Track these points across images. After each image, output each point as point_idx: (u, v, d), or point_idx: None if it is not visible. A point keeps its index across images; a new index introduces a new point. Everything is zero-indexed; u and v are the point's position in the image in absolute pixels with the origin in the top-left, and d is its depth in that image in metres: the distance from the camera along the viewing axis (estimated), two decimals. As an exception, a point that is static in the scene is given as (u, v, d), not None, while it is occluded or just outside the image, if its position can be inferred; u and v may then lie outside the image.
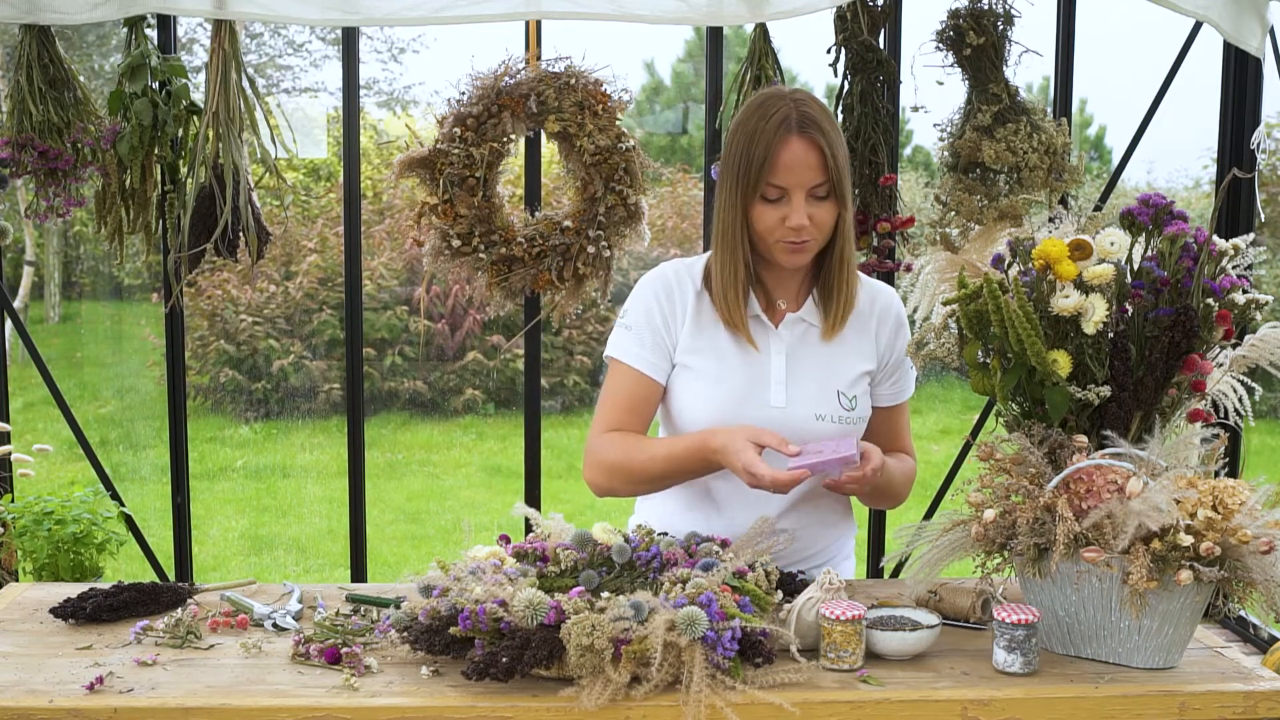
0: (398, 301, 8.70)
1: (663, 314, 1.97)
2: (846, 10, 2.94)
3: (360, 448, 3.24)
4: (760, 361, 1.95)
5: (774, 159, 1.83)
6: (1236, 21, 2.97)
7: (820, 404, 1.95)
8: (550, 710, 1.51)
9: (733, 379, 1.95)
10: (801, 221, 1.85)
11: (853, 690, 1.57)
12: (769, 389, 1.94)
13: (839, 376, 1.98)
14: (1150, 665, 1.65)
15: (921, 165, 10.99)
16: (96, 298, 10.81)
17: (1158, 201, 1.81)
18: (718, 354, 1.96)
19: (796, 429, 1.92)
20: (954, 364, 1.88)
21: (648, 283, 2.00)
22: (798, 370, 1.96)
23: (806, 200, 1.85)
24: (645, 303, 1.98)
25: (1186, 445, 1.78)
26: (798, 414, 1.94)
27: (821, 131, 1.84)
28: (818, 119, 1.85)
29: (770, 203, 1.86)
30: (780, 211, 1.86)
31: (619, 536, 1.82)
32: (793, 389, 1.95)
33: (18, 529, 3.12)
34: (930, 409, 8.82)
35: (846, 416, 1.96)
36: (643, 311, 1.98)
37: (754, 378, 1.95)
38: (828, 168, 1.84)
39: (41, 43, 2.87)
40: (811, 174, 1.84)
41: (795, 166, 1.83)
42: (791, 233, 1.86)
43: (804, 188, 1.85)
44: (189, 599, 1.93)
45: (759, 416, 1.93)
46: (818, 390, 1.96)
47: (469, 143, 2.91)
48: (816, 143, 1.83)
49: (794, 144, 1.83)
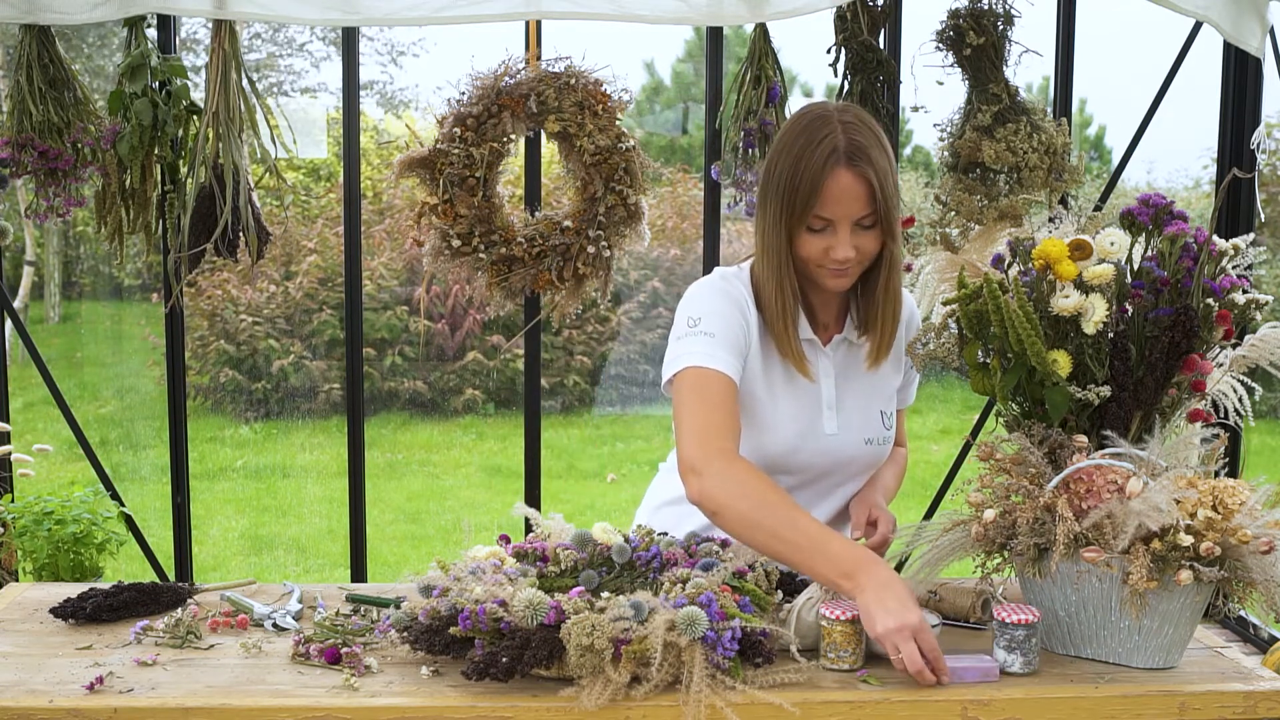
0: (398, 301, 8.70)
1: (744, 318, 1.86)
2: (846, 10, 2.94)
3: (360, 448, 3.24)
4: (812, 389, 1.91)
5: (821, 191, 1.76)
6: (1236, 21, 2.97)
7: (867, 428, 1.95)
8: (550, 710, 1.51)
9: (791, 408, 1.90)
10: (848, 254, 1.78)
11: (853, 690, 1.57)
12: (821, 416, 1.92)
13: (880, 396, 1.98)
14: (1150, 665, 1.65)
15: (921, 165, 10.99)
16: (96, 298, 10.80)
17: (1158, 201, 1.81)
18: (772, 380, 1.90)
19: (848, 455, 1.93)
20: (954, 364, 1.88)
21: (720, 291, 1.87)
22: (845, 395, 1.94)
23: (852, 230, 1.79)
24: (724, 309, 1.85)
25: (1186, 445, 1.78)
26: (849, 441, 1.94)
27: (871, 162, 1.76)
28: (867, 148, 1.76)
29: (815, 232, 1.80)
30: (825, 241, 1.79)
31: (619, 536, 1.82)
32: (842, 415, 1.93)
33: (18, 529, 3.12)
34: (930, 409, 8.82)
35: (885, 436, 1.98)
36: (722, 316, 1.84)
37: (808, 405, 1.91)
38: (875, 200, 1.77)
39: (41, 43, 2.87)
40: (859, 206, 1.77)
41: (842, 199, 1.76)
42: (836, 263, 1.80)
43: (850, 219, 1.78)
44: (189, 599, 1.93)
45: (815, 447, 1.91)
46: (864, 414, 1.95)
47: (469, 143, 2.91)
48: (865, 175, 1.76)
49: (842, 176, 1.75)
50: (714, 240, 3.23)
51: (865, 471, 2.00)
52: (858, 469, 1.98)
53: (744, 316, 1.85)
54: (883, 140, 1.81)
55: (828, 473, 1.96)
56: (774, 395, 1.90)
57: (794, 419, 1.90)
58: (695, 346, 1.80)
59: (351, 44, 3.06)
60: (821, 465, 1.94)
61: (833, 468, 1.95)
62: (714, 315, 1.83)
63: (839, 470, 1.96)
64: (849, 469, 1.97)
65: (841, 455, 1.93)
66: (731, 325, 1.83)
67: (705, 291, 1.88)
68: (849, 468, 1.97)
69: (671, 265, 8.95)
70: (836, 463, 1.94)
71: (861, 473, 1.99)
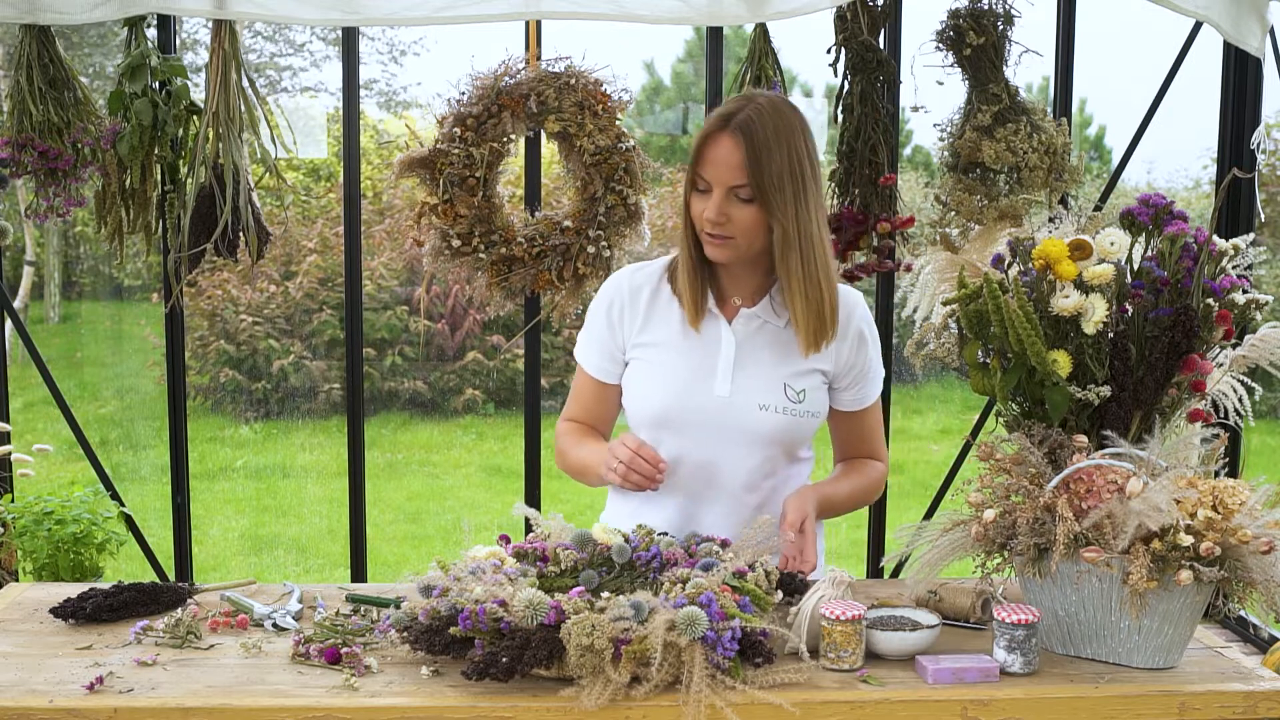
0: (398, 301, 8.70)
1: (609, 320, 2.04)
2: (846, 10, 2.94)
3: (360, 448, 3.24)
4: (709, 353, 1.98)
5: (702, 152, 1.87)
6: (1236, 21, 2.97)
7: (766, 395, 1.96)
8: (550, 710, 1.51)
9: (679, 368, 1.98)
10: (712, 216, 1.87)
11: (853, 690, 1.57)
12: (714, 378, 1.96)
13: (787, 368, 1.98)
14: (1150, 665, 1.65)
15: (921, 165, 10.98)
16: (96, 298, 10.80)
17: (1158, 201, 1.81)
18: (667, 345, 2.00)
19: (739, 419, 1.95)
20: (954, 364, 1.88)
21: (602, 289, 2.08)
22: (746, 361, 1.97)
23: (727, 198, 1.86)
24: (596, 309, 2.07)
25: (1186, 445, 1.78)
26: (741, 403, 1.95)
27: (752, 135, 1.83)
28: (759, 123, 1.84)
29: (700, 193, 1.90)
30: (704, 203, 1.89)
31: (619, 536, 1.82)
32: (739, 379, 1.96)
33: (18, 529, 3.12)
34: (930, 409, 8.83)
35: (793, 409, 1.96)
36: (592, 316, 2.07)
37: (701, 367, 1.97)
38: (748, 171, 1.83)
39: (41, 43, 2.87)
40: (732, 173, 1.85)
41: (717, 162, 1.85)
42: (708, 224, 1.88)
43: (724, 185, 1.86)
44: (189, 599, 1.93)
45: (703, 405, 1.95)
46: (764, 381, 1.97)
47: (469, 143, 2.91)
48: (740, 144, 1.83)
49: (721, 140, 1.85)
50: (714, 240, 3.22)
51: (773, 442, 1.98)
52: (760, 437, 1.96)
53: (612, 310, 2.04)
54: (785, 131, 1.86)
55: (725, 435, 1.96)
56: (672, 356, 1.99)
57: (678, 378, 1.97)
58: (579, 340, 2.11)
59: (351, 44, 3.06)
60: (711, 426, 1.96)
61: (725, 430, 1.96)
62: (590, 315, 2.09)
63: (735, 435, 1.96)
64: (748, 435, 1.96)
65: (731, 417, 1.95)
66: (597, 323, 2.06)
67: (597, 293, 2.10)
68: (748, 433, 1.96)
69: (671, 265, 8.95)
70: (727, 425, 1.96)
71: (768, 442, 1.97)
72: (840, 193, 3.04)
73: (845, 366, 2.02)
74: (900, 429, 7.99)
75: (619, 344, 2.04)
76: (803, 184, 1.87)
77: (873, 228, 2.99)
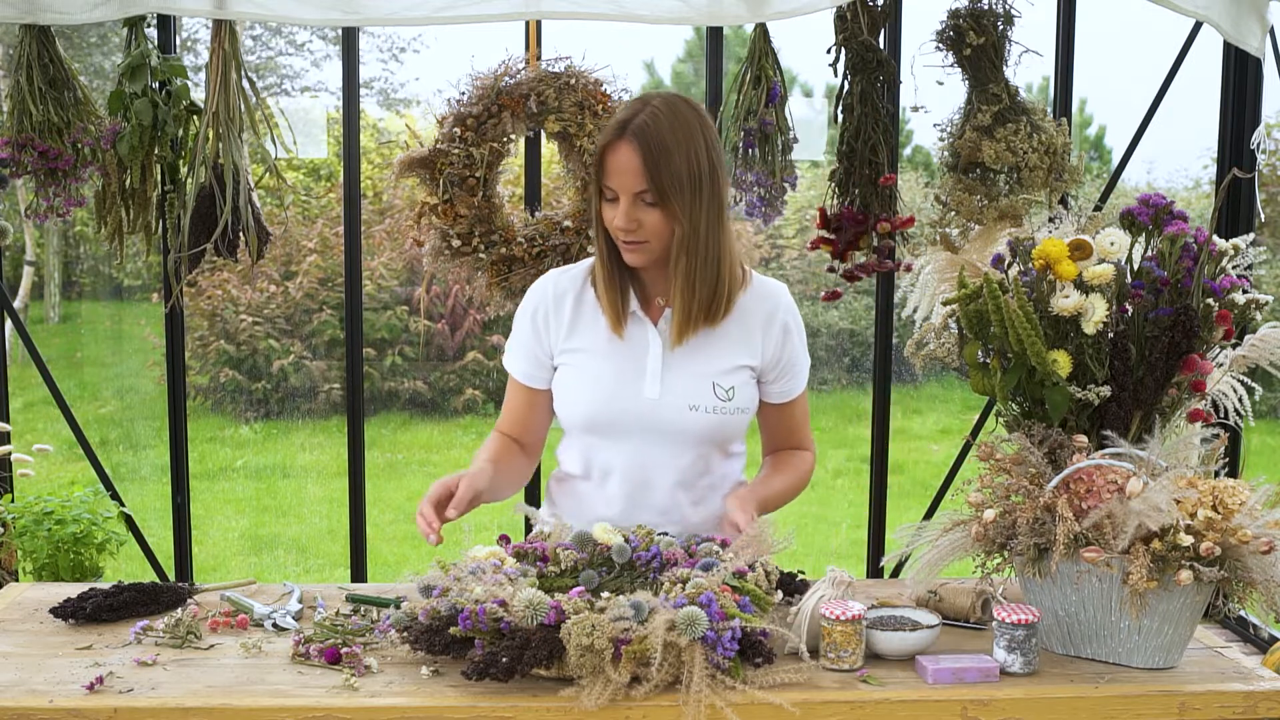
0: (398, 301, 8.70)
1: (534, 326, 2.04)
2: (846, 10, 2.94)
3: (360, 448, 3.24)
4: (637, 355, 1.98)
5: (604, 161, 1.89)
6: (1236, 21, 2.97)
7: (695, 395, 1.97)
8: (550, 710, 1.51)
9: (606, 373, 1.98)
10: (622, 224, 1.88)
11: (853, 690, 1.57)
12: (643, 381, 1.97)
13: (715, 367, 1.99)
14: (1150, 665, 1.65)
15: (921, 165, 10.98)
16: (96, 298, 10.80)
17: (1158, 201, 1.81)
18: (594, 350, 2.00)
19: (671, 420, 1.96)
20: (954, 364, 1.88)
21: (527, 296, 2.08)
22: (673, 363, 1.98)
23: (635, 204, 1.87)
24: (521, 316, 2.07)
25: (1186, 445, 1.78)
26: (671, 404, 1.96)
27: (649, 140, 1.84)
28: (654, 128, 1.85)
29: (609, 201, 1.91)
30: (614, 211, 1.90)
31: (619, 536, 1.82)
32: (668, 380, 1.97)
33: (18, 529, 3.12)
34: (930, 409, 8.83)
35: (723, 407, 1.97)
36: (518, 323, 2.07)
37: (629, 370, 1.98)
38: (648, 177, 1.84)
39: (41, 43, 2.87)
40: (634, 180, 1.85)
41: (619, 170, 1.86)
42: (620, 232, 1.90)
43: (629, 192, 1.87)
44: (189, 599, 1.93)
45: (633, 408, 1.96)
46: (693, 381, 1.97)
47: (469, 143, 2.91)
48: (638, 151, 1.84)
49: (620, 148, 1.86)
50: (714, 240, 3.22)
51: (704, 441, 1.99)
52: (691, 437, 1.98)
53: (537, 315, 2.04)
54: (683, 133, 1.86)
55: (656, 437, 1.97)
56: (599, 361, 1.99)
57: (605, 383, 1.98)
58: (506, 347, 2.10)
59: (351, 44, 3.07)
60: (644, 427, 1.97)
61: (656, 432, 1.97)
62: (516, 322, 2.09)
63: (667, 436, 1.97)
64: (679, 435, 1.97)
65: (661, 419, 1.96)
66: (523, 330, 2.06)
67: (523, 299, 2.10)
68: (679, 434, 1.97)
69: (671, 265, 8.95)
70: (658, 427, 1.97)
71: (699, 442, 1.99)
72: (840, 193, 3.04)
73: (772, 360, 2.03)
74: (900, 429, 7.99)
75: (546, 350, 2.04)
76: (701, 183, 1.88)
77: (873, 228, 2.99)
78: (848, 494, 7.05)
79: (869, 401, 3.48)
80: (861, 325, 9.09)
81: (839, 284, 3.21)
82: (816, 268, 9.03)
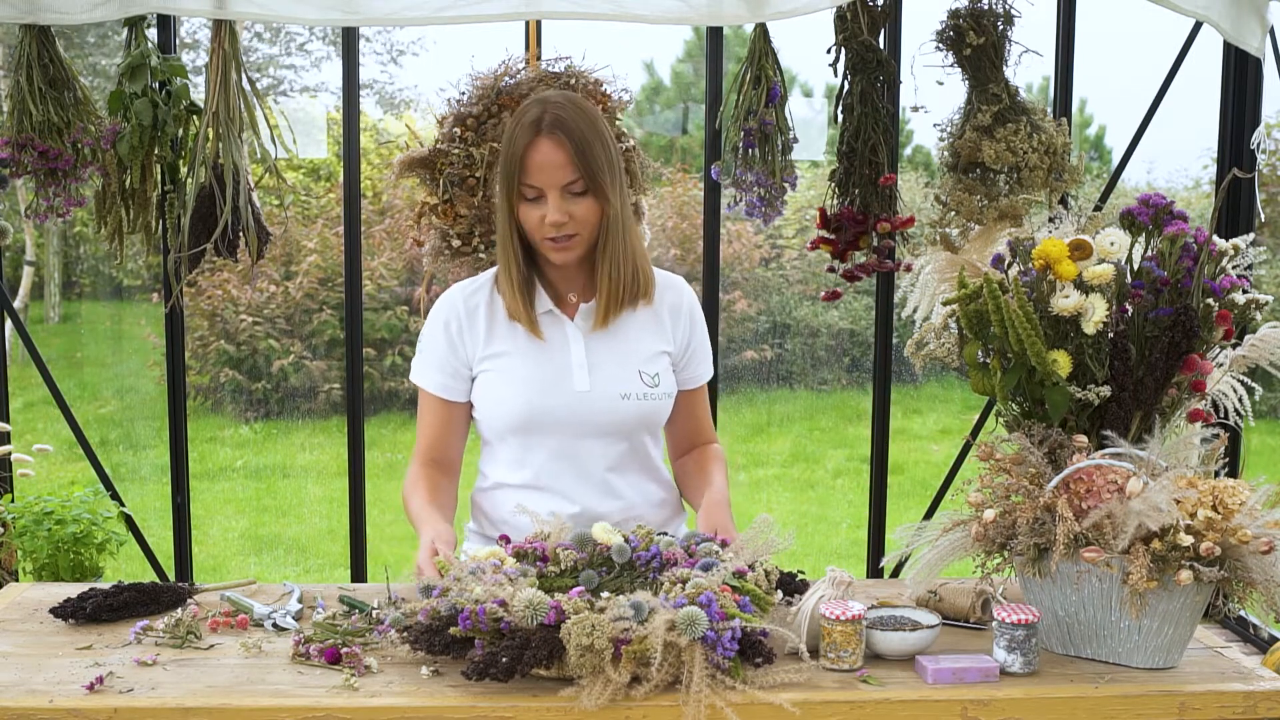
0: (398, 301, 8.70)
1: (449, 338, 2.06)
2: (846, 10, 2.94)
3: (360, 448, 3.24)
4: (560, 352, 2.02)
5: (524, 160, 1.92)
6: (1236, 21, 2.97)
7: (624, 383, 2.01)
8: (550, 710, 1.51)
9: (533, 372, 2.01)
10: (557, 218, 1.92)
11: (853, 690, 1.57)
12: (572, 375, 2.01)
13: (638, 355, 2.04)
14: (1150, 665, 1.66)
15: (921, 165, 10.97)
16: (96, 298, 10.79)
17: (1158, 201, 1.81)
18: (517, 352, 2.03)
19: (604, 411, 2.00)
20: (954, 364, 1.88)
21: (434, 312, 2.10)
22: (597, 355, 2.02)
23: (563, 197, 1.92)
24: (432, 330, 2.08)
25: (1186, 445, 1.78)
26: (603, 394, 2.00)
27: (568, 130, 1.91)
28: (566, 120, 1.91)
29: (530, 202, 1.94)
30: (540, 210, 1.93)
31: (619, 536, 1.82)
32: (595, 372, 2.01)
33: (18, 529, 3.12)
34: (930, 409, 8.82)
35: (650, 394, 2.03)
36: (429, 336, 2.08)
37: (555, 367, 2.01)
38: (577, 165, 1.90)
39: (41, 43, 2.87)
40: (561, 173, 1.91)
41: (545, 166, 1.91)
42: (552, 229, 1.93)
43: (557, 186, 1.92)
44: (189, 599, 1.93)
45: (565, 403, 1.99)
46: (619, 370, 2.02)
47: (469, 143, 2.91)
48: (561, 142, 1.90)
49: (541, 144, 1.91)
50: (714, 240, 3.23)
51: (637, 428, 2.04)
52: (624, 425, 2.03)
53: (448, 330, 2.06)
54: (590, 120, 1.94)
55: (590, 429, 2.01)
56: (523, 361, 2.02)
57: (535, 382, 2.00)
58: (416, 363, 2.11)
59: (351, 44, 3.07)
60: (577, 420, 2.00)
61: (589, 424, 2.01)
62: (426, 337, 2.10)
63: (600, 427, 2.02)
64: (612, 425, 2.02)
65: (596, 409, 2.00)
66: (436, 343, 2.07)
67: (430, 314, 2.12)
68: (611, 424, 2.02)
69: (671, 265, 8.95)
70: (591, 419, 2.01)
71: (632, 429, 2.04)
72: (840, 193, 3.04)
73: (683, 346, 2.10)
74: (900, 429, 7.99)
75: (463, 360, 2.06)
76: (615, 164, 1.96)
77: (873, 228, 2.99)
78: (848, 494, 7.06)
79: (869, 401, 3.48)
80: (861, 325, 9.08)
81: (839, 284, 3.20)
82: (816, 268, 9.03)
